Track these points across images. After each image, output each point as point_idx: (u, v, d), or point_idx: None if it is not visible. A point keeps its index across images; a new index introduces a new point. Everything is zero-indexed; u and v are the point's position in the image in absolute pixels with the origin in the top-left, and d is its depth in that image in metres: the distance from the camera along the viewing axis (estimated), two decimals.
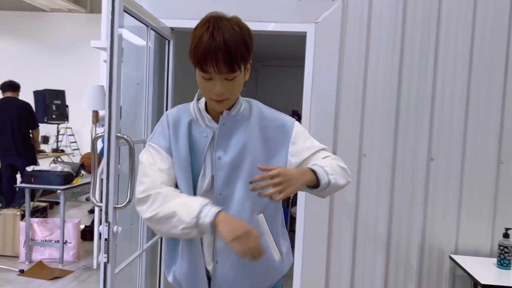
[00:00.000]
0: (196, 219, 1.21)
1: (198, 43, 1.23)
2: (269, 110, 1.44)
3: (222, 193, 1.34)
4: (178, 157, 1.35)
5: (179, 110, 1.41)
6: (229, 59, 1.22)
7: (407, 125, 2.56)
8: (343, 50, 2.58)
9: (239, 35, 1.24)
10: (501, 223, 2.49)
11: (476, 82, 2.51)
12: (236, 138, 1.35)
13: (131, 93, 2.78)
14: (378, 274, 2.62)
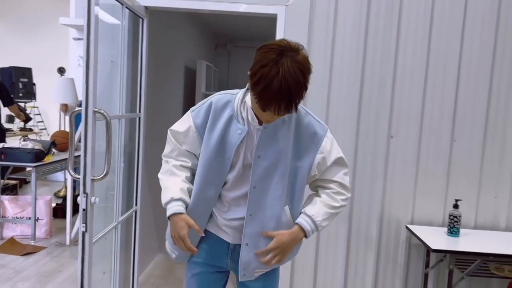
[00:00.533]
0: (165, 206, 1.55)
1: (266, 88, 1.32)
2: (306, 116, 1.57)
3: (256, 187, 1.54)
4: (208, 144, 1.54)
5: (225, 102, 1.54)
6: (290, 107, 1.36)
7: (369, 105, 2.72)
8: (311, 33, 2.71)
9: (301, 84, 1.35)
10: (452, 195, 2.72)
11: (433, 67, 2.69)
12: (276, 142, 1.52)
13: (106, 70, 2.83)
14: (341, 244, 2.81)
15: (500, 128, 2.70)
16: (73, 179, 4.44)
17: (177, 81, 4.43)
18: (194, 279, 1.66)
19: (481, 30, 2.66)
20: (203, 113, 1.56)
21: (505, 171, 2.72)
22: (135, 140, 2.88)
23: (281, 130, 1.52)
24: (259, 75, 1.33)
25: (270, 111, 1.36)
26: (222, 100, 1.55)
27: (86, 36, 2.00)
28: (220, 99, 1.56)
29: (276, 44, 1.37)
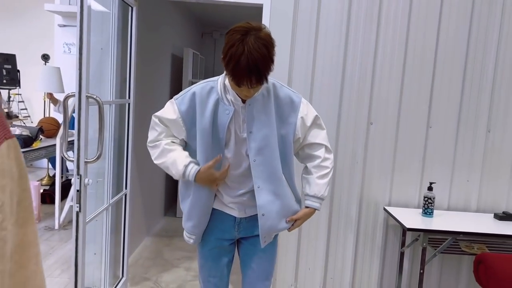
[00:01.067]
0: (183, 176, 1.70)
1: (236, 65, 1.48)
2: (281, 88, 1.76)
3: (256, 160, 1.71)
4: (202, 130, 1.68)
5: (209, 89, 1.69)
6: (260, 79, 1.53)
7: (350, 93, 2.86)
8: (296, 22, 2.81)
9: (267, 57, 1.51)
10: (428, 179, 2.88)
11: (411, 57, 2.83)
12: (262, 116, 1.68)
13: (96, 57, 2.90)
14: (323, 225, 2.96)
15: (472, 116, 2.86)
16: (61, 165, 4.51)
17: (164, 69, 4.50)
18: (209, 253, 1.85)
19: (456, 24, 2.80)
20: (187, 101, 1.70)
21: (477, 156, 2.89)
22: (125, 125, 2.96)
23: (264, 104, 1.69)
24: (229, 56, 1.49)
25: (244, 86, 1.53)
26: (206, 88, 1.69)
27: (79, 24, 2.08)
28: (204, 87, 1.70)
29: (240, 26, 1.52)
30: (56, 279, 3.24)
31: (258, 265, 1.89)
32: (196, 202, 1.77)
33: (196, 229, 1.82)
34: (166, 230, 4.50)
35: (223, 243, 1.85)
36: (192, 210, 1.79)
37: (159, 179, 4.66)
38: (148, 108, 3.94)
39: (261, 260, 1.88)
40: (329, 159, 1.84)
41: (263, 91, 1.70)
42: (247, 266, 1.90)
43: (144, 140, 3.96)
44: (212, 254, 1.86)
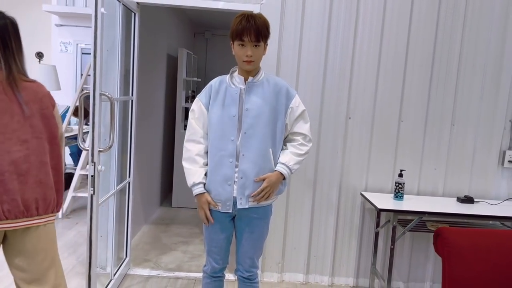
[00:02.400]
0: (190, 187, 2.16)
1: (239, 24, 2.00)
2: (281, 81, 2.21)
3: (246, 132, 2.09)
4: (212, 113, 2.13)
5: (220, 81, 2.17)
6: (257, 33, 2.00)
7: (331, 90, 3.21)
8: (283, 27, 3.15)
9: (263, 22, 2.05)
10: (399, 167, 3.24)
11: (385, 58, 3.19)
12: (258, 96, 2.11)
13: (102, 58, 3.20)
14: (306, 209, 3.31)
15: (438, 111, 3.23)
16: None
17: (160, 68, 4.81)
18: (211, 228, 2.22)
19: (423, 30, 3.17)
20: (207, 94, 2.17)
21: (442, 147, 3.26)
22: (128, 119, 3.28)
23: (260, 87, 2.12)
24: (234, 25, 2.02)
25: (247, 39, 2.00)
26: (218, 81, 2.20)
27: (94, 31, 2.39)
28: (216, 80, 2.20)
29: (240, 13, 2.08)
30: (64, 261, 3.53)
31: (247, 242, 2.22)
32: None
33: None
34: (163, 218, 4.82)
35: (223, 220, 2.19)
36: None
37: (156, 171, 4.97)
38: (146, 104, 4.25)
39: (249, 239, 2.21)
40: (306, 146, 2.20)
41: (263, 79, 2.14)
42: (239, 241, 2.25)
43: (143, 133, 4.27)
44: (214, 229, 2.21)
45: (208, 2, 3.14)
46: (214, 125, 2.12)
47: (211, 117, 2.13)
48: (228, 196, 2.12)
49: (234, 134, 2.09)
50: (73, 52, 7.22)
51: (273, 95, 2.13)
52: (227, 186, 2.11)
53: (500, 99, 3.24)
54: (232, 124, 2.09)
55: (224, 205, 2.14)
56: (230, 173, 2.10)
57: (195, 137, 2.16)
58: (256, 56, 2.05)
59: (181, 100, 5.21)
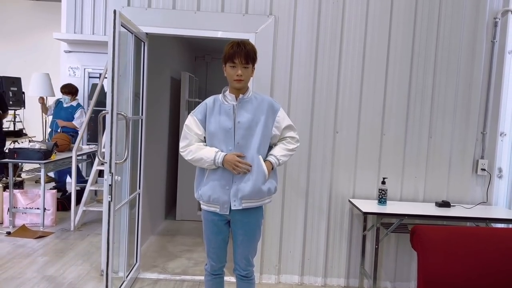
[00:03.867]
0: (213, 160, 2.38)
1: (231, 49, 2.36)
2: (267, 97, 2.56)
3: (239, 143, 2.42)
4: (210, 127, 2.44)
5: (214, 100, 2.49)
6: (247, 56, 2.35)
7: (319, 108, 3.58)
8: (276, 52, 3.55)
9: (251, 47, 2.41)
10: (383, 175, 3.60)
11: (367, 76, 3.57)
12: (248, 111, 2.45)
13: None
14: (300, 215, 3.65)
15: (417, 124, 3.60)
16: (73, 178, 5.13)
17: (165, 90, 5.21)
18: (210, 230, 2.54)
19: (401, 55, 3.57)
20: (202, 112, 2.47)
21: (421, 157, 3.62)
22: (138, 136, 3.65)
23: (250, 103, 2.45)
24: (226, 50, 2.38)
25: (238, 62, 2.33)
26: (212, 99, 2.52)
27: (112, 59, 2.78)
28: (210, 99, 2.52)
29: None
30: (79, 267, 3.86)
31: (242, 244, 2.54)
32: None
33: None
34: (168, 230, 5.14)
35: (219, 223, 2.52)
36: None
37: (161, 186, 5.32)
38: (153, 123, 4.63)
39: (244, 241, 2.53)
40: (294, 144, 2.57)
41: (252, 97, 2.47)
42: (235, 244, 2.56)
43: (149, 150, 4.63)
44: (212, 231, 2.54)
45: (209, 32, 3.55)
46: (212, 137, 2.44)
47: (209, 131, 2.45)
48: (226, 199, 2.45)
49: (231, 144, 2.42)
50: (80, 76, 7.65)
51: (260, 109, 2.46)
52: (226, 190, 2.44)
53: (472, 112, 3.62)
54: (228, 136, 2.42)
55: (222, 207, 2.46)
56: (228, 178, 2.44)
57: (190, 143, 2.46)
58: (245, 76, 2.39)
59: (184, 119, 5.59)
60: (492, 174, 3.64)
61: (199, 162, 2.43)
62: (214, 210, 2.48)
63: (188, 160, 2.45)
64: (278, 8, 3.53)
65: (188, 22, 3.50)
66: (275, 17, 3.52)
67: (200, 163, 2.43)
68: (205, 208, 2.53)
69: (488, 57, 3.60)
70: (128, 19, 3.07)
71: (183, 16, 3.50)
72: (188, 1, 3.52)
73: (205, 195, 2.48)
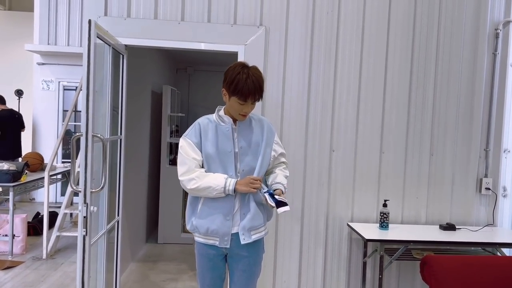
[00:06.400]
0: (223, 188, 2.11)
1: (245, 84, 2.05)
2: (261, 117, 2.36)
3: (244, 170, 2.19)
4: (207, 149, 2.16)
5: (208, 120, 2.22)
6: (261, 94, 2.12)
7: (314, 125, 3.33)
8: (266, 66, 3.29)
9: (262, 80, 2.13)
10: (383, 197, 3.35)
11: (364, 90, 3.34)
12: (250, 135, 2.22)
13: None
14: (295, 241, 3.37)
15: (417, 142, 3.38)
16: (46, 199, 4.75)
17: (145, 105, 4.88)
18: (206, 266, 2.27)
19: (399, 65, 3.35)
20: (197, 134, 2.20)
21: (423, 177, 3.40)
22: (117, 158, 3.32)
23: (252, 126, 2.24)
24: (237, 80, 2.06)
25: (249, 101, 2.09)
26: (205, 120, 2.25)
27: (86, 75, 2.47)
28: (203, 120, 2.25)
29: (238, 62, 2.17)
30: None
31: (239, 281, 2.26)
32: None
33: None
34: (149, 255, 4.78)
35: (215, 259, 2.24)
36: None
37: (141, 207, 4.97)
38: (132, 141, 4.30)
39: (242, 278, 2.26)
40: (287, 171, 2.39)
41: (250, 117, 2.25)
42: (231, 280, 2.29)
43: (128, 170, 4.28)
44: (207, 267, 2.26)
45: (194, 44, 3.26)
46: (210, 162, 2.17)
47: (207, 155, 2.17)
48: (227, 231, 2.17)
49: (231, 169, 2.16)
50: (55, 90, 7.25)
51: (260, 131, 2.26)
52: (226, 221, 2.16)
53: (474, 129, 3.42)
54: (229, 160, 2.16)
55: (221, 240, 2.18)
56: (229, 207, 2.16)
57: (191, 169, 2.17)
58: (251, 110, 2.20)
59: (166, 135, 5.27)
60: (497, 194, 3.44)
61: (205, 191, 2.13)
62: (213, 243, 2.21)
63: (190, 189, 2.16)
64: (269, 18, 3.28)
65: (171, 33, 3.21)
66: (265, 28, 3.27)
67: (206, 192, 2.13)
68: (201, 241, 2.24)
69: (489, 70, 3.42)
70: (105, 30, 2.77)
71: (165, 27, 3.21)
72: (171, 11, 3.24)
73: (201, 227, 2.19)
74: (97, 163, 2.73)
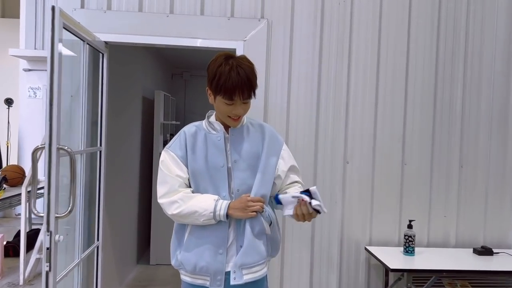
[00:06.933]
0: (213, 213, 1.65)
1: (227, 78, 1.61)
2: (266, 124, 1.89)
3: (239, 189, 1.73)
4: (194, 164, 1.72)
5: (196, 129, 1.79)
6: (250, 89, 1.67)
7: (325, 133, 2.87)
8: (269, 65, 2.84)
9: (253, 70, 1.69)
10: (406, 216, 2.88)
11: (383, 93, 2.89)
12: (245, 145, 1.76)
13: (65, 104, 2.82)
14: (304, 267, 2.89)
15: (445, 151, 2.92)
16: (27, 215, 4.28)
17: (135, 112, 4.43)
18: None
19: (423, 63, 2.90)
20: (182, 145, 1.76)
21: (452, 192, 2.93)
22: (96, 173, 2.86)
23: (248, 134, 1.79)
24: (218, 74, 1.63)
25: (237, 98, 1.64)
26: (193, 128, 1.80)
27: (50, 74, 2.02)
28: (190, 128, 1.81)
29: (219, 54, 1.71)
30: None
31: None
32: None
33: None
34: (139, 279, 4.30)
35: None
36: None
37: (131, 225, 4.49)
38: (119, 152, 3.84)
39: None
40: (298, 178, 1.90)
41: (247, 124, 1.81)
42: None
43: (116, 187, 3.81)
44: None
45: (185, 40, 2.82)
46: (199, 180, 1.73)
47: (194, 171, 1.73)
48: (219, 268, 1.71)
49: (225, 189, 1.72)
50: (42, 97, 6.80)
51: (260, 140, 1.81)
52: (219, 255, 1.70)
53: (510, 136, 2.96)
54: (221, 177, 1.72)
55: (213, 280, 1.72)
56: (222, 238, 1.70)
57: (173, 189, 1.71)
58: (244, 112, 1.74)
59: (158, 145, 4.80)
60: None
61: (190, 217, 1.68)
62: (203, 284, 1.75)
63: (172, 215, 1.70)
64: (272, 10, 2.84)
65: (159, 27, 2.76)
66: (268, 21, 2.82)
67: (192, 218, 1.68)
68: (188, 280, 1.78)
69: None
70: (76, 21, 2.32)
71: (152, 20, 2.77)
72: (158, 2, 2.79)
73: (188, 263, 1.74)
74: (66, 181, 2.27)
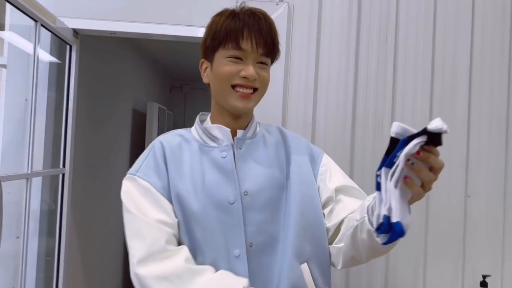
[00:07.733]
0: None
1: (228, 21, 1.03)
2: (288, 131, 1.26)
3: (253, 244, 1.01)
4: (188, 197, 1.01)
5: (181, 140, 1.12)
6: (268, 38, 1.05)
7: (363, 151, 2.15)
8: (290, 59, 2.15)
9: (272, 23, 1.10)
10: (471, 267, 2.14)
11: (438, 100, 2.18)
12: (263, 165, 1.07)
13: (17, 112, 2.15)
14: None
15: None
16: None
17: (123, 126, 3.75)
18: None
19: (491, 62, 2.20)
20: (151, 164, 1.07)
21: None
22: (57, 202, 2.16)
23: (266, 148, 1.13)
24: (215, 22, 1.07)
25: (247, 46, 1.03)
26: (176, 140, 1.13)
27: None
28: (171, 139, 1.13)
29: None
30: None
31: None
32: None
33: None
34: None
35: None
36: None
37: (116, 253, 3.76)
38: (101, 176, 3.15)
39: None
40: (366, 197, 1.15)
41: (265, 130, 1.20)
42: None
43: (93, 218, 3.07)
44: None
45: (184, 29, 2.13)
46: (193, 228, 1.01)
47: (185, 212, 1.02)
48: None
49: (240, 243, 1.01)
50: None
51: (286, 151, 1.17)
52: None
53: None
54: (233, 222, 1.01)
55: None
56: None
57: (157, 249, 0.97)
58: (261, 83, 1.10)
59: None
60: None
61: None
62: None
63: None
64: None
65: (146, 12, 2.08)
66: (288, 5, 2.15)
67: None
68: None
69: None
70: None
71: (137, 2, 2.09)
72: None
73: None
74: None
